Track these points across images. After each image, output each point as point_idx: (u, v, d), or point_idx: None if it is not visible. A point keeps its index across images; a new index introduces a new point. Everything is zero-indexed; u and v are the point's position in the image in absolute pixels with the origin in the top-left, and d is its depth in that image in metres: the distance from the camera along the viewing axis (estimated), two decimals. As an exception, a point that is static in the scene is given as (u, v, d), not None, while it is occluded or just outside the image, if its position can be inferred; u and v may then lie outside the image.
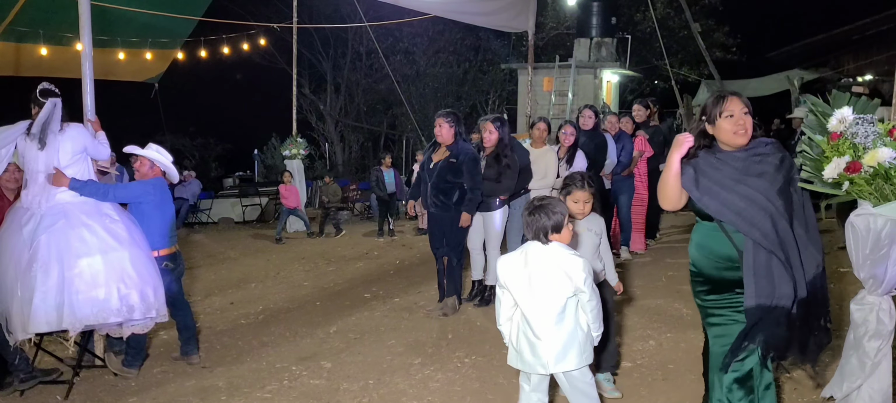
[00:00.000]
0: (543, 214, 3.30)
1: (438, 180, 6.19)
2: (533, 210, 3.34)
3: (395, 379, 4.87)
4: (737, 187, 3.11)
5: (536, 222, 3.30)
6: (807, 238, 3.12)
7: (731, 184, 3.12)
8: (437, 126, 6.22)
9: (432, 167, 6.24)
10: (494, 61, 22.95)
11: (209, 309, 7.13)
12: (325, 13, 20.55)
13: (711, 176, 3.16)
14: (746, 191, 3.09)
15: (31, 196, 4.75)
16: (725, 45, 22.15)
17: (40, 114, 4.75)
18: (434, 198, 6.22)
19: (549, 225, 3.29)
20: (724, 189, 3.12)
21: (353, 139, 24.96)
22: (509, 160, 6.33)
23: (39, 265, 4.48)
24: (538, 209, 3.32)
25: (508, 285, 3.37)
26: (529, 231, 3.33)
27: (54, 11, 10.95)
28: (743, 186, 3.10)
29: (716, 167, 3.18)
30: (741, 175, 3.14)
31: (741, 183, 3.11)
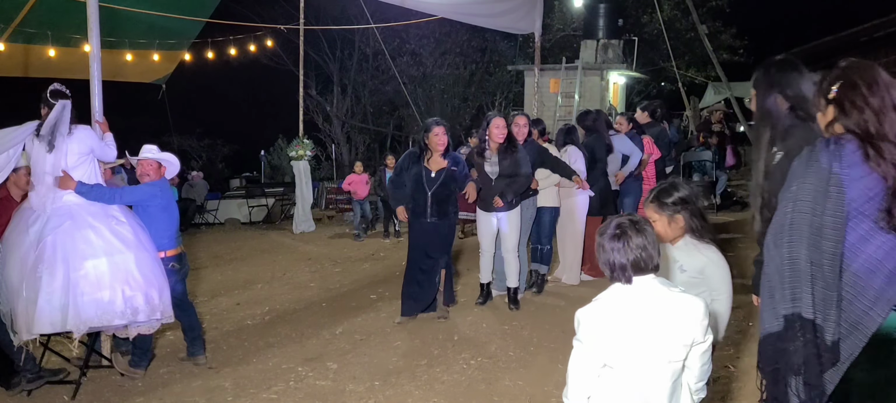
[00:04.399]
0: (647, 235, 2.31)
1: (441, 189, 6.09)
2: (631, 229, 2.31)
3: (401, 381, 4.88)
4: None
5: (646, 245, 2.30)
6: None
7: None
8: (435, 135, 6.06)
9: (434, 176, 6.08)
10: (501, 63, 22.96)
11: (215, 310, 7.14)
12: (332, 15, 20.59)
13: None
14: None
15: (38, 197, 4.77)
16: (732, 47, 22.10)
17: (50, 116, 4.76)
18: (436, 207, 6.09)
19: (655, 254, 2.32)
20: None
21: (359, 140, 24.98)
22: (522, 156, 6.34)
23: (45, 266, 4.49)
24: (637, 229, 2.32)
25: (606, 346, 2.31)
26: (623, 259, 2.30)
27: (62, 13, 10.99)
28: None
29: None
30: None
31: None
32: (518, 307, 6.55)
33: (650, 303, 2.28)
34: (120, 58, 12.89)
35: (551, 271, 7.56)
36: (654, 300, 2.29)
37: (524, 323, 6.12)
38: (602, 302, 2.34)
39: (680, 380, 2.34)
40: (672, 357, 2.28)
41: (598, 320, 2.32)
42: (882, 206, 2.29)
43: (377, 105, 25.23)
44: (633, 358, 2.28)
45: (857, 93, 2.36)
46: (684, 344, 2.29)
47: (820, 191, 2.30)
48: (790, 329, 2.31)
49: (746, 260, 7.94)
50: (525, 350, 5.41)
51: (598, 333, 2.30)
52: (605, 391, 2.34)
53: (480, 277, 6.79)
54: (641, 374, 2.28)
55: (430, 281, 6.25)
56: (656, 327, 2.27)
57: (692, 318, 2.29)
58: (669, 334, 2.27)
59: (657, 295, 2.30)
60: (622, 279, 2.31)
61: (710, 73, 19.84)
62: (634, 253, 2.28)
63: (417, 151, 6.21)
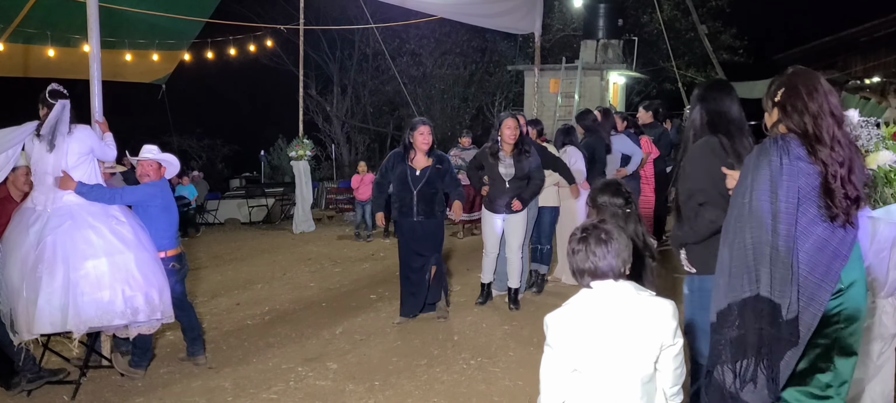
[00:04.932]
0: (613, 243, 2.32)
1: (426, 188, 6.06)
2: (593, 236, 2.33)
3: (400, 381, 4.88)
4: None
5: (609, 253, 2.31)
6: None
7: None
8: (420, 133, 6.06)
9: (419, 174, 6.07)
10: (501, 63, 22.94)
11: (215, 310, 7.14)
12: (331, 15, 20.58)
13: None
14: None
15: (39, 197, 4.77)
16: (732, 47, 22.08)
17: (50, 116, 4.76)
18: (422, 205, 6.06)
19: (626, 257, 2.34)
20: None
21: (359, 140, 24.97)
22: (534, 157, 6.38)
23: (45, 266, 4.49)
24: (600, 237, 2.33)
25: (575, 350, 2.32)
26: (586, 265, 2.32)
27: (62, 13, 10.99)
28: None
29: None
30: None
31: None
32: (518, 307, 6.55)
33: (618, 307, 2.30)
34: (120, 58, 12.87)
35: (551, 271, 7.56)
36: (621, 303, 2.31)
37: (524, 323, 6.12)
38: (571, 306, 2.36)
39: (654, 385, 2.35)
40: (641, 361, 2.29)
41: (567, 325, 2.33)
42: (820, 195, 2.60)
43: (377, 105, 25.22)
44: (603, 363, 2.28)
45: (798, 99, 2.65)
46: (653, 347, 2.30)
47: (773, 181, 2.57)
48: (747, 310, 2.54)
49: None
50: (525, 350, 5.41)
51: (567, 338, 2.32)
52: (577, 396, 2.34)
53: (482, 277, 6.79)
54: (612, 378, 2.29)
55: (422, 280, 6.23)
56: (624, 330, 2.28)
57: (660, 321, 2.31)
58: (637, 337, 2.28)
59: (625, 299, 2.31)
60: (586, 283, 2.34)
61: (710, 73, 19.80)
62: (597, 260, 2.30)
63: (402, 151, 6.20)
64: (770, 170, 2.59)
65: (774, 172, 2.59)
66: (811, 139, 2.61)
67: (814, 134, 2.61)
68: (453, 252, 9.79)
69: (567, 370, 2.34)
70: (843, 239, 2.63)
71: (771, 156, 2.61)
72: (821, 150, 2.59)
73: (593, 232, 2.33)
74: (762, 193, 2.58)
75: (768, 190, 2.58)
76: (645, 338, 2.28)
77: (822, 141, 2.59)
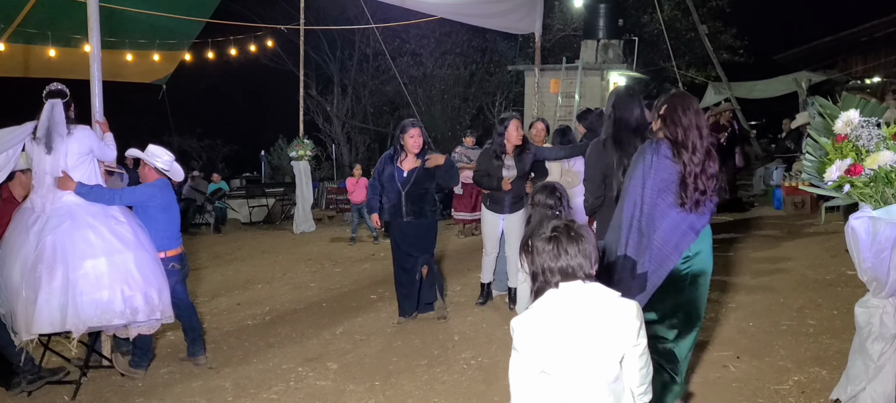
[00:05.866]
0: (582, 243, 2.31)
1: (415, 188, 6.06)
2: (565, 235, 2.31)
3: (401, 381, 4.88)
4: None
5: (579, 254, 2.29)
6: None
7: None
8: (411, 136, 6.05)
9: (406, 176, 6.06)
10: (501, 63, 22.92)
11: (216, 310, 7.15)
12: (332, 15, 20.57)
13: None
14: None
15: (38, 197, 4.77)
16: (733, 47, 22.07)
17: (42, 117, 4.77)
18: (411, 206, 6.07)
19: (595, 257, 2.33)
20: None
21: (359, 140, 24.97)
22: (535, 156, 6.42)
23: (44, 266, 4.50)
24: (571, 235, 2.31)
25: (542, 353, 2.30)
26: (554, 264, 2.30)
27: (62, 13, 10.99)
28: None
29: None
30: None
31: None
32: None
33: (582, 308, 2.28)
34: (120, 58, 12.88)
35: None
36: (585, 304, 2.29)
37: (524, 324, 6.11)
38: (535, 309, 2.33)
39: (621, 385, 2.34)
40: (607, 361, 2.28)
41: (532, 328, 2.31)
42: (678, 188, 3.43)
43: (377, 105, 25.21)
44: (570, 364, 2.27)
45: (675, 114, 3.46)
46: (618, 347, 2.29)
47: (644, 174, 3.47)
48: (620, 261, 3.48)
49: (746, 261, 7.94)
50: (525, 351, 5.40)
51: (533, 340, 2.30)
52: (546, 398, 2.32)
53: (481, 277, 6.79)
54: (579, 380, 2.28)
55: (412, 281, 6.24)
56: (589, 331, 2.26)
57: (625, 321, 2.29)
58: (602, 337, 2.27)
59: (588, 300, 2.29)
60: (551, 283, 2.31)
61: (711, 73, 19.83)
62: (564, 260, 2.28)
63: (392, 152, 6.21)
64: (643, 165, 3.47)
65: (646, 167, 3.46)
66: (679, 145, 3.42)
67: (681, 141, 3.42)
68: (453, 252, 9.80)
69: (535, 372, 2.32)
70: (692, 222, 3.46)
71: (646, 155, 3.49)
72: (684, 154, 3.40)
73: (565, 232, 2.31)
74: (636, 181, 3.48)
75: (641, 179, 3.47)
76: (610, 339, 2.28)
77: (686, 147, 3.41)
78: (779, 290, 6.58)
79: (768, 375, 4.57)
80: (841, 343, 4.89)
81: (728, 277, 7.17)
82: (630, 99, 4.38)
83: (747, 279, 7.05)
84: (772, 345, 5.09)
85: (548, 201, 3.32)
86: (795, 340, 5.19)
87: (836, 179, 3.30)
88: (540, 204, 3.35)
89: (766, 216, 11.56)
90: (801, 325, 5.52)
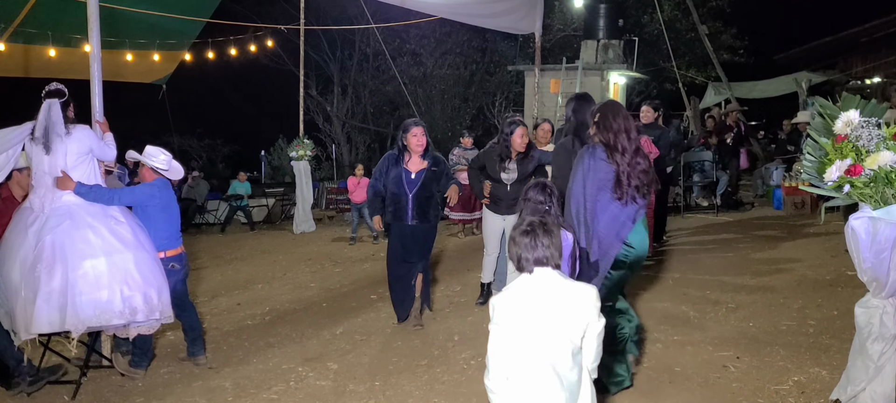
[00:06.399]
0: (552, 236, 2.71)
1: (422, 191, 5.93)
2: (540, 230, 2.71)
3: (401, 381, 4.88)
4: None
5: (551, 246, 2.70)
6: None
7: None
8: (414, 135, 5.91)
9: (414, 178, 5.93)
10: (501, 63, 22.93)
11: (216, 310, 7.15)
12: (332, 15, 20.58)
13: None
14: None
15: (38, 197, 4.77)
16: (733, 48, 22.08)
17: (39, 117, 4.78)
18: (417, 209, 5.93)
19: (561, 250, 2.74)
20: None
21: (359, 140, 24.98)
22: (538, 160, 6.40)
23: (43, 265, 4.50)
24: (545, 230, 2.72)
25: (518, 327, 2.68)
26: (529, 254, 2.70)
27: (62, 13, 11.00)
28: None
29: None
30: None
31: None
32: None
33: (551, 291, 2.69)
34: (120, 58, 12.89)
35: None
36: (554, 288, 2.70)
37: (524, 324, 6.11)
38: (512, 290, 2.74)
39: (581, 357, 2.72)
40: (572, 336, 2.67)
41: (510, 305, 2.71)
42: (614, 185, 3.97)
43: (378, 105, 25.22)
44: (540, 338, 2.64)
45: (607, 121, 4.03)
46: (581, 325, 2.69)
47: (584, 174, 4.00)
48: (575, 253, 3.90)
49: (746, 261, 7.94)
50: (525, 351, 5.40)
51: (510, 316, 2.70)
52: (519, 369, 2.66)
53: (482, 277, 6.79)
54: (548, 352, 2.64)
55: (407, 287, 6.13)
56: (557, 310, 2.66)
57: (586, 303, 2.70)
58: (568, 316, 2.67)
59: (556, 284, 2.71)
60: (526, 270, 2.71)
61: (711, 74, 19.83)
62: (540, 251, 2.68)
63: (396, 153, 6.05)
64: (583, 167, 4.03)
65: (585, 169, 4.00)
66: (611, 148, 3.97)
67: (613, 145, 3.97)
68: (453, 252, 9.80)
69: (511, 345, 2.68)
70: (629, 214, 3.99)
71: (585, 159, 4.05)
72: (616, 155, 3.96)
73: (540, 226, 2.72)
74: (578, 182, 3.99)
75: (582, 180, 3.99)
76: (574, 317, 2.68)
77: (617, 150, 3.96)
78: (779, 290, 6.58)
79: (768, 375, 4.57)
80: (841, 343, 4.89)
81: (728, 277, 7.18)
82: (586, 103, 5.04)
83: (747, 279, 7.06)
84: (772, 345, 5.09)
85: (539, 198, 3.62)
86: (795, 340, 5.19)
87: (836, 179, 3.30)
88: (532, 201, 3.64)
89: (766, 216, 11.56)
90: (801, 325, 5.53)
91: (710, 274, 7.39)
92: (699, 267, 7.77)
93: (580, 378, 2.71)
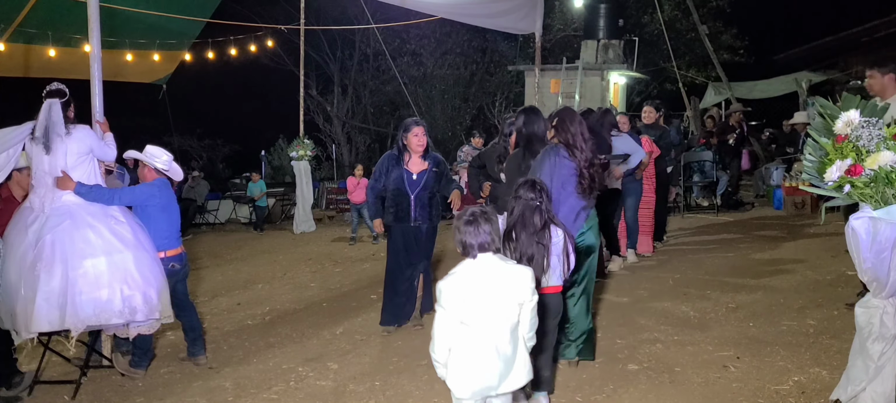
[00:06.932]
0: (492, 224, 3.06)
1: (424, 191, 5.87)
2: (482, 218, 3.05)
3: (401, 381, 4.87)
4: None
5: (492, 232, 3.05)
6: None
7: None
8: (414, 135, 5.83)
9: (416, 178, 5.86)
10: (501, 63, 22.93)
11: (216, 310, 7.15)
12: (332, 15, 20.59)
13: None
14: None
15: (38, 197, 4.77)
16: (733, 48, 22.06)
17: (39, 117, 4.78)
18: (420, 210, 5.87)
19: (497, 239, 3.09)
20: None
21: (359, 140, 24.99)
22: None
23: (43, 265, 4.50)
24: (485, 218, 3.06)
25: (462, 307, 3.02)
26: (473, 240, 3.04)
27: (62, 13, 11.01)
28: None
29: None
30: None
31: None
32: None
33: (491, 273, 3.06)
34: (120, 58, 12.90)
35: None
36: (494, 270, 3.06)
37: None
38: (456, 274, 3.07)
39: (518, 331, 3.10)
40: (509, 313, 3.04)
41: (455, 288, 3.04)
42: (577, 180, 4.45)
43: (378, 105, 25.22)
44: (482, 315, 3.01)
45: (564, 123, 4.55)
46: (517, 302, 3.06)
47: (549, 171, 4.41)
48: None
49: (747, 261, 7.94)
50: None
51: (455, 298, 3.03)
52: (463, 343, 3.04)
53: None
54: (489, 327, 3.02)
55: (411, 289, 6.05)
56: (496, 290, 3.03)
57: (522, 283, 3.07)
58: (506, 295, 3.04)
59: (496, 267, 3.07)
60: (470, 255, 3.07)
61: (711, 74, 19.83)
62: (482, 237, 3.05)
63: (396, 153, 5.96)
64: (549, 163, 4.45)
65: (549, 166, 4.44)
66: (570, 147, 4.47)
67: (572, 144, 4.47)
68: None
69: (455, 323, 3.04)
70: (585, 205, 4.54)
71: (549, 156, 4.49)
72: (575, 153, 4.45)
73: (482, 216, 3.07)
74: (545, 176, 4.32)
75: (549, 175, 4.37)
76: (513, 295, 3.05)
77: (576, 148, 4.46)
78: (779, 290, 6.58)
79: (768, 375, 4.57)
80: (841, 343, 4.89)
81: (728, 277, 7.18)
82: (536, 116, 5.34)
83: (747, 279, 7.06)
84: (772, 345, 5.09)
85: (529, 194, 3.80)
86: (795, 340, 5.19)
87: (836, 179, 3.30)
88: (522, 197, 3.83)
89: (767, 216, 11.56)
90: (801, 325, 5.52)
91: (710, 274, 7.39)
92: (699, 267, 7.77)
93: (516, 348, 3.09)
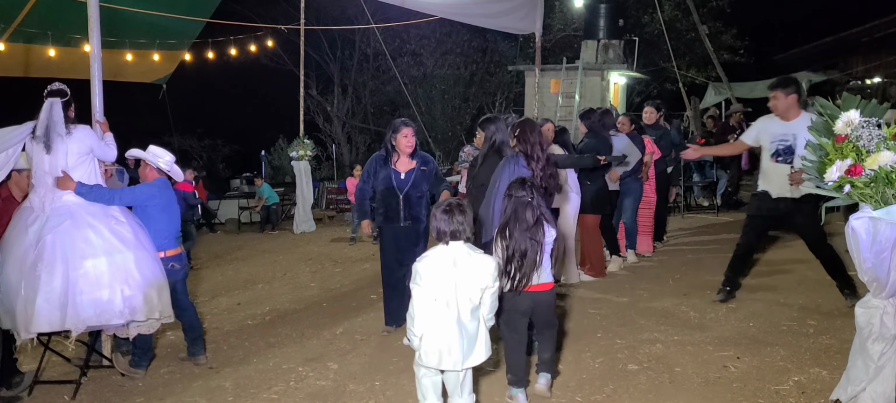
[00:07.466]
0: (466, 215, 3.57)
1: (413, 191, 5.82)
2: (456, 209, 3.56)
3: (401, 381, 4.87)
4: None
5: (464, 223, 3.55)
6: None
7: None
8: (404, 135, 5.78)
9: (404, 178, 5.80)
10: (502, 63, 22.95)
11: (216, 310, 7.15)
12: (332, 15, 20.60)
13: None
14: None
15: (38, 197, 4.77)
16: (733, 48, 22.07)
17: (40, 116, 4.78)
18: (408, 211, 5.81)
19: (468, 229, 3.58)
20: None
21: (359, 140, 25.01)
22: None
23: (44, 265, 4.50)
24: (460, 209, 3.57)
25: (435, 286, 3.52)
26: (446, 228, 3.55)
27: (62, 13, 11.00)
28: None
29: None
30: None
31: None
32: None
33: (460, 259, 3.54)
34: (120, 58, 12.90)
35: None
36: (462, 257, 3.55)
37: (525, 324, 6.10)
38: (429, 257, 3.59)
39: (479, 312, 3.59)
40: (473, 295, 3.54)
41: (430, 269, 3.55)
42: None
43: (378, 105, 25.25)
44: (451, 294, 3.50)
45: (525, 134, 4.88)
46: (480, 287, 3.55)
47: (509, 175, 4.57)
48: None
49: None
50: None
51: (430, 278, 3.53)
52: (434, 318, 3.53)
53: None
54: (455, 305, 3.51)
55: (404, 291, 6.02)
56: (464, 274, 3.52)
57: (486, 270, 3.57)
58: (472, 279, 3.53)
59: (464, 254, 3.56)
60: (443, 241, 3.57)
61: (711, 74, 19.83)
62: (455, 225, 3.55)
63: (383, 154, 5.91)
64: (509, 170, 4.73)
65: (511, 172, 4.68)
66: (529, 156, 4.80)
67: (531, 154, 4.80)
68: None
69: (430, 300, 3.52)
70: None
71: (510, 164, 4.81)
72: (532, 162, 4.78)
73: (457, 207, 3.58)
74: (504, 182, 4.52)
75: (508, 180, 4.43)
76: (477, 280, 3.54)
77: (533, 158, 4.79)
78: (779, 290, 6.57)
79: (768, 375, 4.57)
80: (841, 343, 4.89)
81: (728, 277, 7.16)
82: (504, 124, 5.63)
83: (747, 279, 7.05)
84: (772, 345, 5.08)
85: (520, 192, 4.04)
86: (795, 340, 5.18)
87: (836, 180, 3.30)
88: (515, 195, 4.05)
89: (767, 216, 11.53)
90: (801, 325, 5.52)
91: (710, 274, 7.37)
92: (699, 267, 7.77)
93: (478, 327, 3.59)
